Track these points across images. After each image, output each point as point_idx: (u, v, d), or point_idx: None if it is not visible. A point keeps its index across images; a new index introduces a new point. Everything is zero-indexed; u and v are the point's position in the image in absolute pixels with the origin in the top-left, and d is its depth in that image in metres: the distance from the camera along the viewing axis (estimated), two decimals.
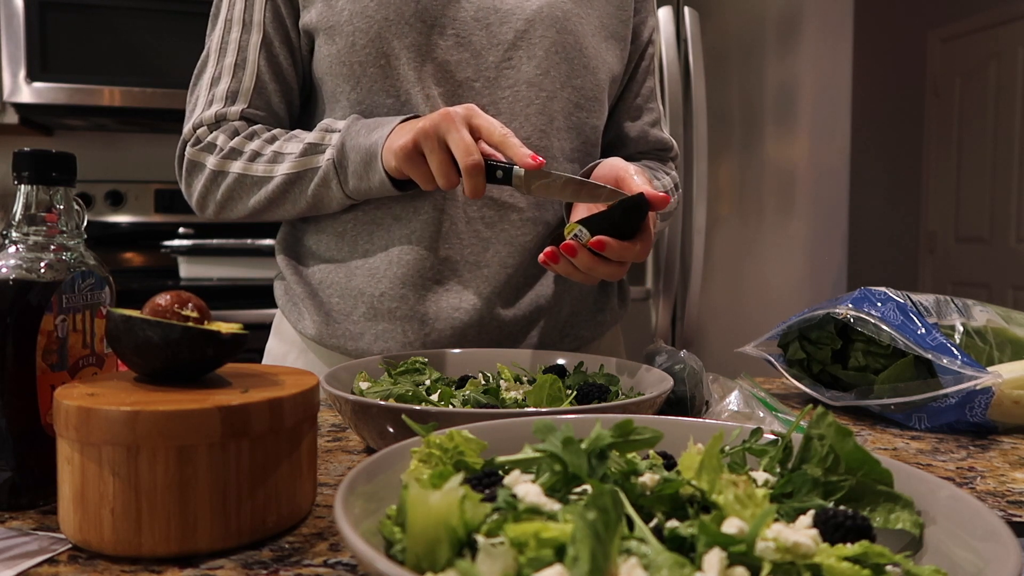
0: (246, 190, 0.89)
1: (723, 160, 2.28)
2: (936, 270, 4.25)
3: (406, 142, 0.77)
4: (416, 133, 0.76)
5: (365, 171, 0.82)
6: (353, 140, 0.83)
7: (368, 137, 0.82)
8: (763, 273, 2.33)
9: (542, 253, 0.77)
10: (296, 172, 0.86)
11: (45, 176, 0.57)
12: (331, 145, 0.85)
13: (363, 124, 0.84)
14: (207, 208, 0.93)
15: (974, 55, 3.99)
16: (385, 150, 0.80)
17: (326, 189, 0.86)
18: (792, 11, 2.28)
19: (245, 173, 0.88)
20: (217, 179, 0.90)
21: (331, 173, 0.85)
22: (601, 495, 0.32)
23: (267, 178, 0.88)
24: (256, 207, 0.90)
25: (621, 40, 0.99)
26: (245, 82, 0.90)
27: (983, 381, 0.76)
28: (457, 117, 0.75)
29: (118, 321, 0.51)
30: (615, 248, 0.74)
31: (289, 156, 0.87)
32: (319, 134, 0.86)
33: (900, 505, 0.40)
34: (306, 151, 0.86)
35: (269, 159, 0.87)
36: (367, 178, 0.83)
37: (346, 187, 0.85)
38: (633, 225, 0.75)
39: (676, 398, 0.79)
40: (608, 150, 1.04)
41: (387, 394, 0.68)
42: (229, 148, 0.88)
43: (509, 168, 0.76)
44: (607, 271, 0.77)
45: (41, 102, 2.15)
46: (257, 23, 0.90)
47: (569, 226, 0.76)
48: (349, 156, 0.83)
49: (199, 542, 0.47)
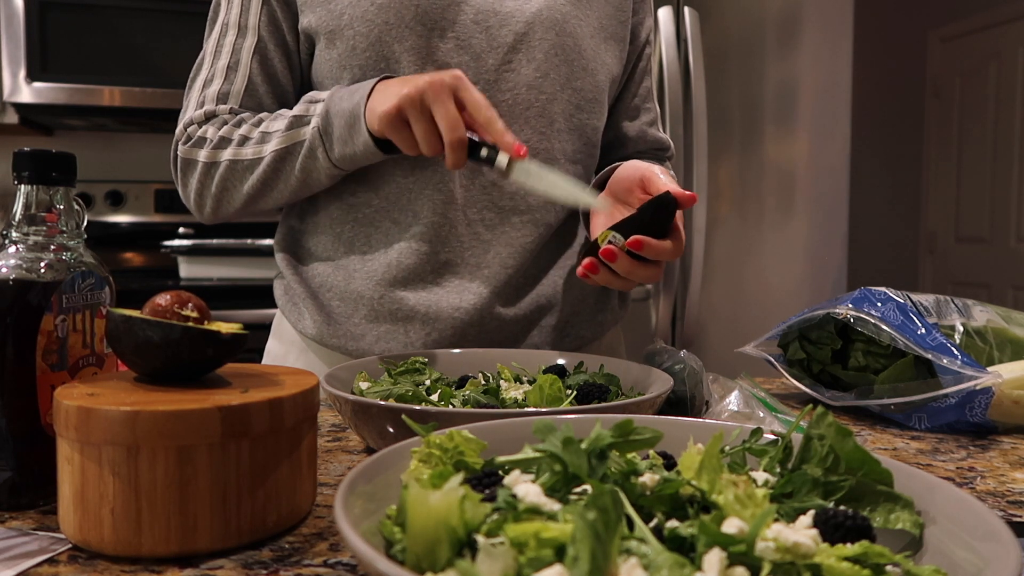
0: (239, 176, 0.88)
1: (723, 160, 2.28)
2: (936, 270, 4.25)
3: (390, 107, 0.75)
4: (401, 99, 0.75)
5: (349, 135, 0.81)
6: (336, 106, 0.82)
7: (350, 100, 0.81)
8: (763, 273, 2.33)
9: (580, 267, 0.78)
10: (284, 147, 0.85)
11: (45, 176, 0.57)
12: (315, 115, 0.84)
13: (346, 89, 0.83)
14: (204, 206, 0.92)
15: (974, 55, 3.99)
16: (368, 112, 0.79)
17: (313, 160, 0.84)
18: (792, 11, 2.28)
19: (236, 159, 0.87)
20: (211, 171, 0.89)
21: (316, 141, 0.83)
22: (601, 495, 0.32)
23: (257, 159, 0.87)
24: (251, 192, 0.88)
25: (620, 41, 0.99)
26: (236, 84, 0.90)
27: (983, 381, 0.76)
28: (445, 87, 0.74)
29: (118, 321, 0.51)
30: (653, 247, 0.75)
31: (276, 133, 0.86)
32: (303, 106, 0.86)
33: (900, 505, 0.40)
34: (291, 124, 0.85)
35: (257, 140, 0.87)
36: (352, 142, 0.81)
37: (332, 154, 0.83)
38: (663, 224, 0.76)
39: (676, 398, 0.79)
40: (606, 150, 1.04)
41: (387, 394, 0.68)
42: (219, 138, 0.88)
43: (494, 150, 0.76)
44: (646, 273, 0.77)
45: (41, 102, 2.15)
46: (252, 27, 0.90)
47: (603, 234, 0.76)
48: (333, 122, 0.82)
49: (199, 542, 0.47)
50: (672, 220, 0.76)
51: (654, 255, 0.76)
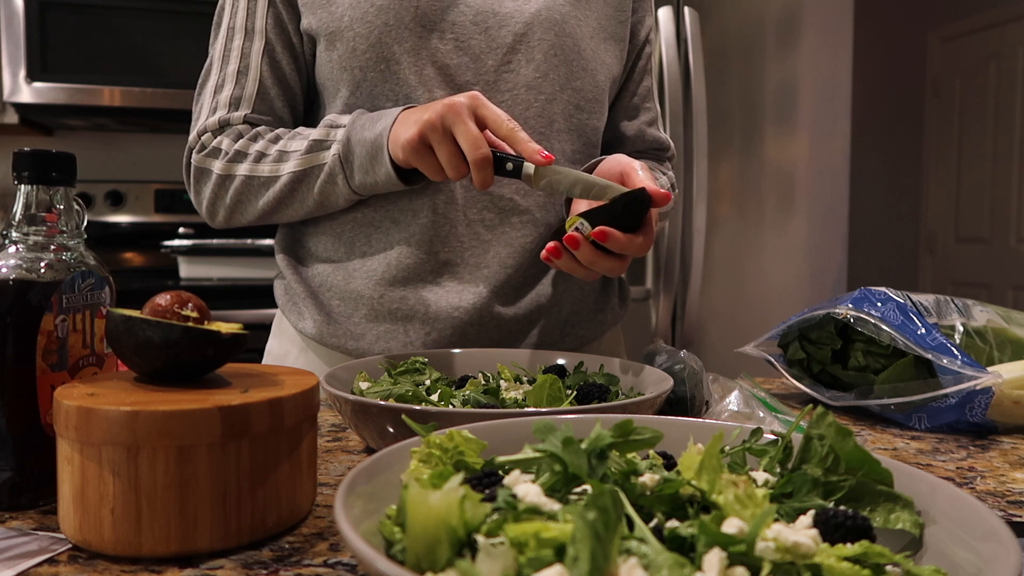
0: (254, 192, 0.89)
1: (723, 160, 2.28)
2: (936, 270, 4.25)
3: (412, 135, 0.76)
4: (422, 125, 0.75)
5: (371, 165, 0.82)
6: (358, 134, 0.83)
7: (372, 129, 0.81)
8: (763, 273, 2.33)
9: (544, 250, 0.77)
10: (303, 170, 0.86)
11: (45, 176, 0.56)
12: (336, 140, 0.84)
13: (368, 117, 0.84)
14: (217, 215, 0.93)
15: (974, 55, 3.99)
16: (391, 142, 0.79)
17: (332, 185, 0.85)
18: (792, 11, 2.28)
19: (252, 175, 0.88)
20: (225, 183, 0.90)
21: (337, 168, 0.84)
22: (601, 495, 0.32)
23: (274, 178, 0.87)
24: (265, 208, 0.89)
25: (620, 41, 0.99)
26: (248, 88, 0.90)
27: (983, 381, 0.76)
28: (463, 108, 0.74)
29: (118, 321, 0.51)
30: (618, 240, 0.73)
31: (294, 154, 0.86)
32: (324, 130, 0.86)
33: (900, 505, 0.40)
34: (311, 148, 0.85)
35: (274, 158, 0.87)
36: (373, 172, 0.82)
37: (352, 182, 0.84)
38: (634, 219, 0.74)
39: (676, 398, 0.79)
40: (606, 149, 1.04)
41: (387, 394, 0.68)
42: (234, 151, 0.88)
43: (520, 162, 0.76)
44: (608, 265, 0.76)
45: (41, 102, 2.15)
46: (259, 30, 0.90)
47: (571, 219, 0.75)
48: (355, 150, 0.83)
49: (199, 542, 0.47)
50: (644, 216, 0.75)
51: (619, 248, 0.74)
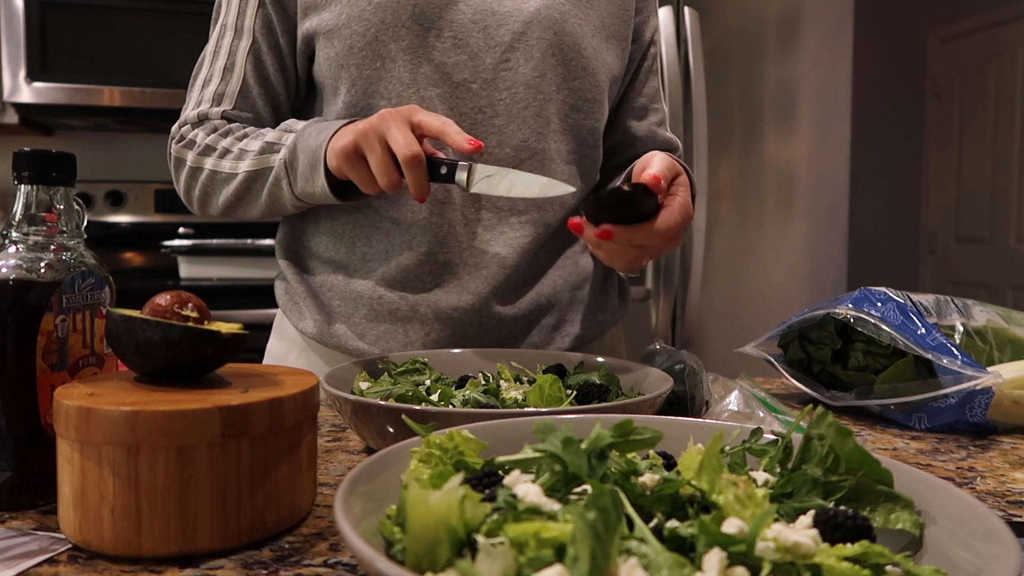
0: (217, 186, 0.90)
1: (723, 160, 2.28)
2: (936, 270, 4.25)
3: (346, 143, 0.76)
4: (356, 134, 0.76)
5: (311, 174, 0.82)
6: (304, 142, 0.83)
7: (316, 139, 0.81)
8: (763, 273, 2.33)
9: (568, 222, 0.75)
10: (255, 170, 0.87)
11: (45, 176, 0.57)
12: (285, 145, 0.85)
13: (317, 126, 0.83)
14: (191, 203, 0.95)
15: (974, 55, 3.99)
16: (328, 151, 0.79)
17: (279, 189, 0.86)
18: (792, 11, 2.28)
19: (215, 169, 0.90)
20: (195, 175, 0.91)
21: (282, 173, 0.85)
22: (601, 495, 0.32)
23: (232, 175, 0.88)
24: (227, 204, 0.91)
25: (622, 40, 0.99)
26: (231, 85, 0.92)
27: (983, 381, 0.76)
28: (397, 115, 0.75)
29: (118, 321, 0.51)
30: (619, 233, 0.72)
31: (250, 153, 0.87)
32: (278, 133, 0.87)
33: (900, 505, 0.40)
34: (263, 149, 0.86)
35: (235, 156, 0.88)
36: (312, 181, 0.82)
37: (295, 188, 0.85)
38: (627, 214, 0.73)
39: (676, 398, 0.79)
40: (615, 151, 1.04)
41: (387, 394, 0.68)
42: (204, 145, 0.90)
43: (453, 164, 0.76)
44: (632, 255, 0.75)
45: (41, 102, 2.15)
46: (248, 29, 0.92)
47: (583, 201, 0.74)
48: (299, 158, 0.83)
49: (199, 542, 0.47)
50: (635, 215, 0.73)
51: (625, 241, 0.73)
